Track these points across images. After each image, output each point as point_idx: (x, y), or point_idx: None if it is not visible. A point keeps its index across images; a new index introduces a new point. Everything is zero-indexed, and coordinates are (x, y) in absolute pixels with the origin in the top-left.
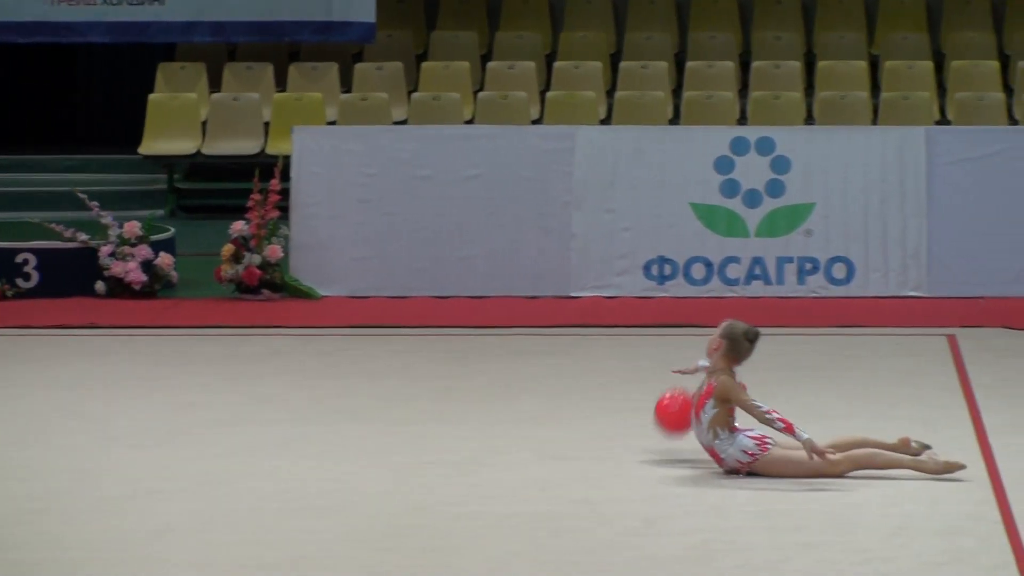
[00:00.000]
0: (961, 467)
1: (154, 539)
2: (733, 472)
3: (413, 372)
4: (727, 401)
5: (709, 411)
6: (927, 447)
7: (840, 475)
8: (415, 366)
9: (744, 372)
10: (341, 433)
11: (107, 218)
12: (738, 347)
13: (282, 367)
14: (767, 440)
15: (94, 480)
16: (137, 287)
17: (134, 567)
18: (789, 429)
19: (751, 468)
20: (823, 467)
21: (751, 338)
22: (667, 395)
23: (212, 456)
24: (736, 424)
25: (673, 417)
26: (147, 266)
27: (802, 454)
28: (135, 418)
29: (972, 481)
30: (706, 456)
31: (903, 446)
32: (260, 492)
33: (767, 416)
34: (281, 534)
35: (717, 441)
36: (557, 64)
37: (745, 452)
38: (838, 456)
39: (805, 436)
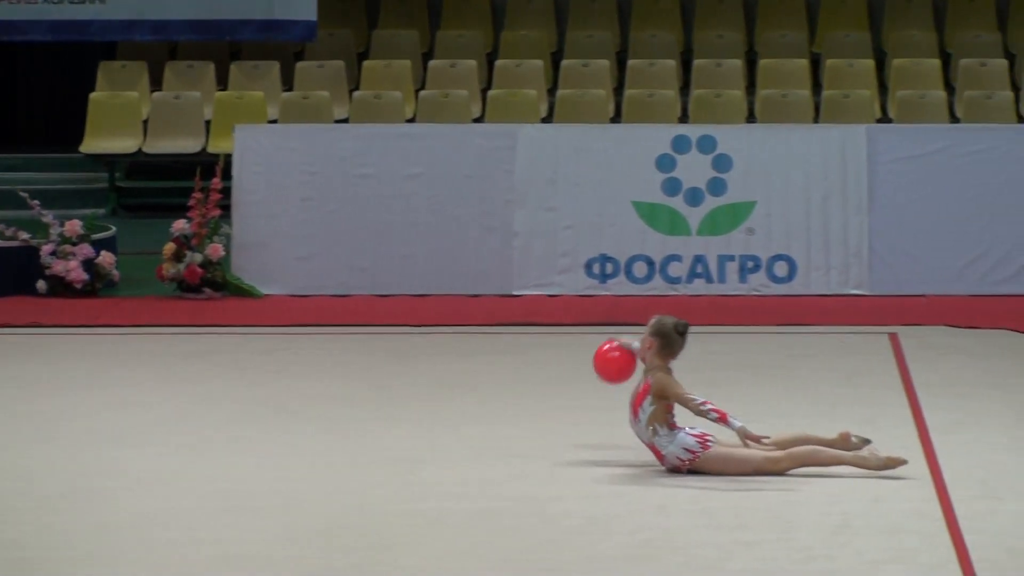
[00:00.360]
0: (903, 463)
1: (97, 537)
2: (674, 470)
3: (355, 371)
4: (664, 397)
5: (647, 408)
6: (867, 441)
7: (782, 473)
8: (357, 365)
9: (687, 370)
10: (283, 432)
11: (48, 217)
12: (671, 342)
13: (223, 366)
14: (708, 438)
15: (37, 478)
16: (79, 286)
17: (77, 565)
18: (723, 419)
19: (692, 466)
20: (765, 465)
21: (681, 331)
22: (606, 344)
23: (154, 455)
24: (676, 421)
25: (612, 363)
26: (88, 265)
27: (744, 451)
28: (77, 417)
29: (914, 479)
30: (648, 454)
31: (843, 441)
32: (202, 490)
33: (702, 408)
34: (223, 532)
35: (657, 438)
36: (498, 63)
37: (686, 450)
38: (779, 454)
39: (738, 424)
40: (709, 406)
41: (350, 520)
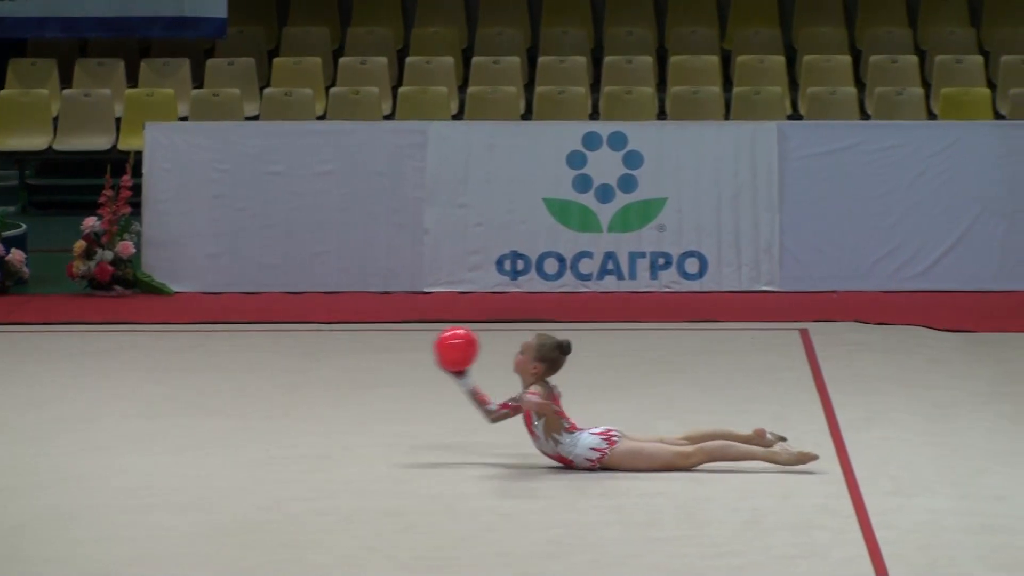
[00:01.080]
0: (814, 458)
1: (10, 535)
2: (587, 470)
3: (265, 368)
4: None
5: (539, 423)
6: (782, 439)
7: (691, 467)
8: (267, 362)
9: (598, 368)
10: (193, 429)
11: None
12: (556, 364)
13: (134, 363)
14: (613, 433)
15: None
16: None
17: None
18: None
19: (603, 463)
20: (675, 460)
21: (566, 351)
22: (448, 330)
23: (65, 452)
24: (574, 423)
25: (452, 350)
26: None
27: (651, 446)
28: None
29: (825, 474)
30: None
31: (758, 437)
32: (114, 488)
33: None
34: (136, 530)
35: (560, 447)
36: (409, 59)
37: (593, 449)
38: (690, 448)
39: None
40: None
41: (261, 518)
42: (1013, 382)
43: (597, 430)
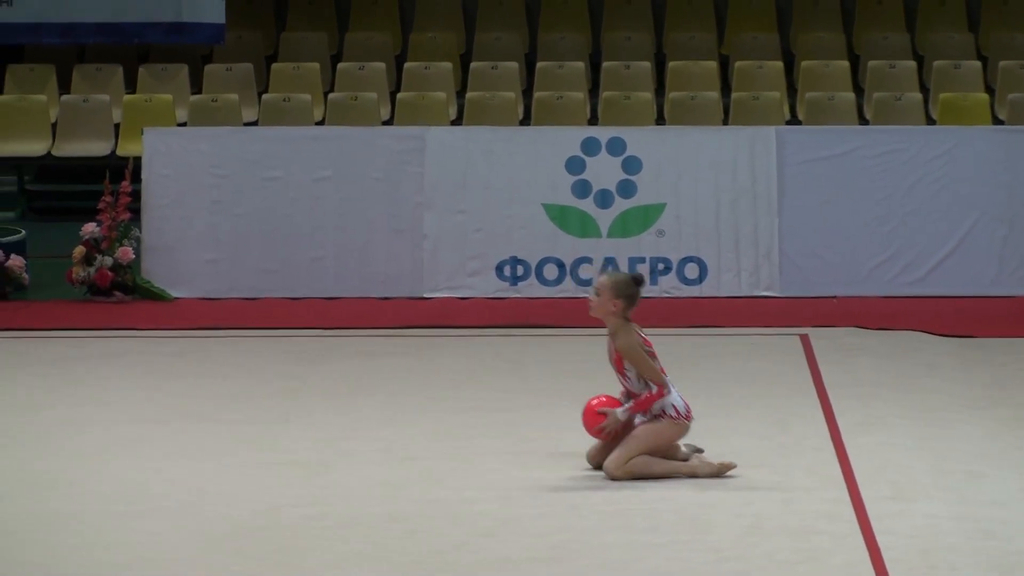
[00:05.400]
0: (732, 467)
1: (0, 540)
2: (655, 418)
3: (262, 373)
4: (637, 364)
5: (631, 370)
6: (699, 451)
7: (618, 479)
8: (265, 367)
9: (599, 373)
10: (188, 434)
11: None
12: (635, 298)
13: (131, 368)
14: (691, 413)
15: None
16: None
17: None
18: (643, 403)
19: (679, 425)
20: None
21: (641, 283)
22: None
23: (58, 457)
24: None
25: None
26: None
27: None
28: None
29: (826, 479)
30: (560, 456)
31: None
32: (106, 493)
33: (650, 384)
34: (127, 536)
35: (648, 391)
36: (407, 65)
37: (675, 407)
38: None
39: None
40: (653, 391)
41: (257, 523)
42: (1011, 387)
43: (685, 400)
